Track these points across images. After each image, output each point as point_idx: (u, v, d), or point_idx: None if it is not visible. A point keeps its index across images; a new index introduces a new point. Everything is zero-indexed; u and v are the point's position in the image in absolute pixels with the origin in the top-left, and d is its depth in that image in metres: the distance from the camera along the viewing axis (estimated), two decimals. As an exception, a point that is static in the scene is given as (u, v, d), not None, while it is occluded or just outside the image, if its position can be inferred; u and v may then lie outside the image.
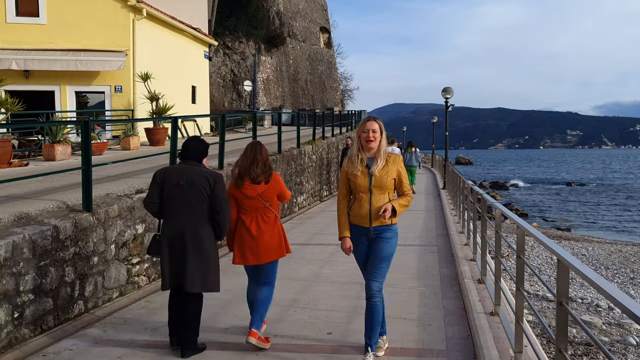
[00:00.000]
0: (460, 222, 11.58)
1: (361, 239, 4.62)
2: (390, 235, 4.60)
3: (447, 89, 22.55)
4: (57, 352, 4.97)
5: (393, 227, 4.62)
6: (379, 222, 4.53)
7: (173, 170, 4.92)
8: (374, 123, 4.55)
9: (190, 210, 4.75)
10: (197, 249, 4.74)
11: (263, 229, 5.04)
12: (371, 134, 4.50)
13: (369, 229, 4.54)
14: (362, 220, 4.54)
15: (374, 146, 4.51)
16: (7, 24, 16.30)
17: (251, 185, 5.01)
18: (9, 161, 10.27)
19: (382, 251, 4.55)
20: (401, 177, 4.60)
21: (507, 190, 55.72)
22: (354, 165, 4.55)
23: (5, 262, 4.92)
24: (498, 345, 4.66)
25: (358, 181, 4.50)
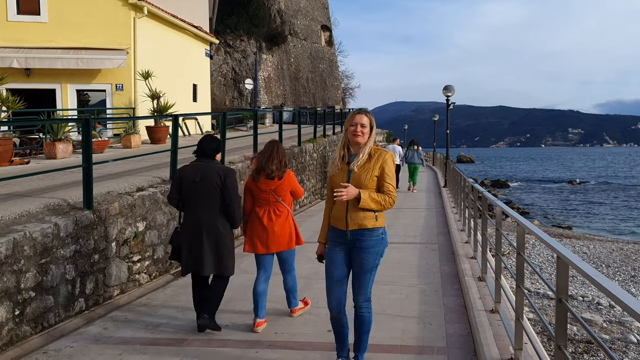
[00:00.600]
0: (461, 220, 11.58)
1: (339, 243, 4.14)
2: (372, 243, 4.04)
3: (448, 87, 22.52)
4: (57, 349, 4.98)
5: (376, 232, 4.04)
6: (356, 225, 4.01)
7: (189, 167, 5.36)
8: (363, 116, 4.05)
9: (206, 203, 5.20)
10: (212, 238, 5.21)
11: (274, 221, 5.47)
12: (359, 128, 4.01)
13: (346, 233, 4.05)
14: (340, 222, 4.09)
15: (360, 141, 4.02)
16: (8, 22, 16.30)
17: (266, 181, 5.46)
18: (10, 159, 10.28)
19: (362, 264, 4.06)
20: (384, 174, 4.03)
21: (508, 188, 55.69)
22: (334, 162, 4.15)
23: (6, 260, 4.93)
24: (498, 342, 4.66)
25: (336, 179, 4.07)
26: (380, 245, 4.08)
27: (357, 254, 4.07)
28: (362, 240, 4.03)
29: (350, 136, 4.04)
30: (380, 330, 5.35)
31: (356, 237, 4.04)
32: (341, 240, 4.12)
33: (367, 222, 4.00)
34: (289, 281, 5.72)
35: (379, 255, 4.10)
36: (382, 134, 54.57)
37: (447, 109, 22.86)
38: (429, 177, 27.81)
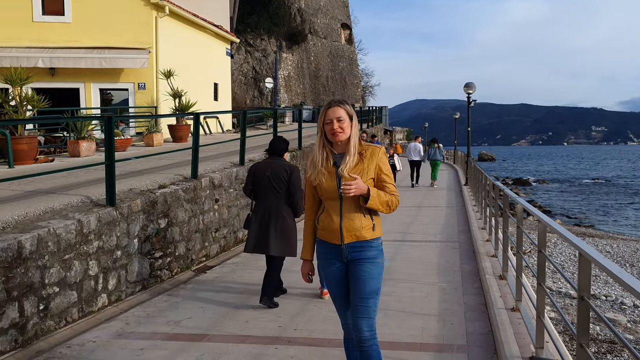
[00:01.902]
0: (482, 218, 11.50)
1: (332, 260, 3.49)
2: (373, 256, 3.42)
3: (469, 84, 22.35)
4: (81, 344, 5.06)
5: (375, 244, 3.44)
6: (353, 237, 3.39)
7: (262, 163, 6.28)
8: (337, 109, 3.39)
9: (274, 194, 6.07)
10: (278, 224, 6.03)
11: None
12: (336, 125, 3.36)
13: (341, 247, 3.43)
14: (332, 235, 3.43)
15: (342, 138, 3.38)
16: (33, 22, 16.59)
17: None
18: (35, 157, 10.47)
19: (364, 285, 3.39)
20: (382, 175, 3.45)
21: (530, 186, 55.05)
22: (317, 165, 3.45)
23: (31, 255, 5.03)
24: (519, 341, 4.62)
25: (324, 185, 3.40)
26: (381, 255, 3.49)
27: (356, 273, 3.41)
28: (362, 252, 3.42)
29: (330, 136, 3.40)
30: (399, 327, 5.35)
31: (353, 252, 3.42)
32: (335, 256, 3.48)
33: (365, 232, 3.40)
34: None
35: (380, 273, 3.46)
36: (403, 132, 54.37)
37: (468, 107, 22.68)
38: (449, 175, 27.62)
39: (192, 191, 8.05)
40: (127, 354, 4.80)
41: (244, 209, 9.85)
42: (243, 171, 9.81)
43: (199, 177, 8.45)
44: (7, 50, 15.96)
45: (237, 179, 9.62)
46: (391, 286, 6.90)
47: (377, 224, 3.47)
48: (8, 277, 4.77)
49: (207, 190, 8.54)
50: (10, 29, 16.30)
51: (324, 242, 3.51)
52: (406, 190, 19.01)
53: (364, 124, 26.39)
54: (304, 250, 3.65)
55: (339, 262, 3.48)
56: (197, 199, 8.22)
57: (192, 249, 8.01)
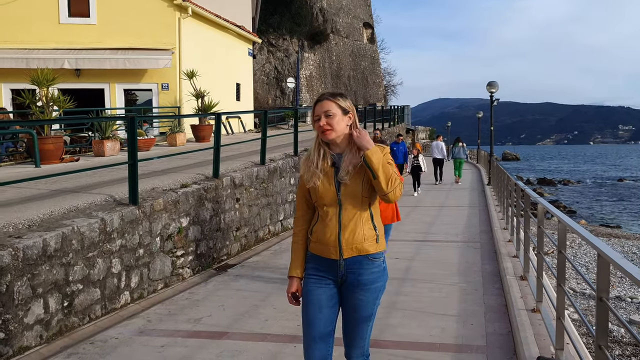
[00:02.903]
0: (505, 219, 11.40)
1: (323, 278, 3.02)
2: (375, 277, 2.98)
3: (492, 83, 22.17)
4: (104, 340, 5.16)
5: (377, 261, 2.99)
6: (354, 251, 2.93)
7: None
8: (325, 103, 2.96)
9: None
10: None
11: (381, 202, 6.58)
12: (324, 121, 2.94)
13: (338, 263, 2.95)
14: (327, 249, 2.96)
15: (331, 137, 2.95)
16: (60, 24, 16.91)
17: None
18: (61, 157, 10.67)
19: (359, 308, 2.98)
20: None
21: (554, 186, 54.32)
22: (311, 166, 3.01)
23: (56, 253, 5.14)
24: (539, 342, 4.59)
25: (320, 190, 2.96)
26: (382, 279, 3.02)
27: (352, 294, 2.99)
28: (361, 273, 2.95)
29: (320, 134, 2.99)
30: (419, 327, 5.34)
31: (352, 269, 2.96)
32: (328, 274, 3.01)
33: (368, 245, 2.94)
34: None
35: (382, 292, 3.04)
36: (425, 131, 54.05)
37: (491, 106, 22.48)
38: (472, 174, 27.42)
39: (213, 190, 8.13)
40: (149, 350, 4.87)
41: (264, 208, 9.92)
42: (264, 170, 9.88)
43: (220, 176, 8.53)
44: (35, 52, 16.29)
45: (257, 178, 9.69)
46: (411, 286, 6.90)
47: (380, 235, 3.01)
48: (33, 274, 4.89)
49: (228, 189, 8.62)
50: (38, 31, 16.64)
51: (318, 257, 3.03)
52: (429, 190, 18.92)
53: (385, 123, 26.32)
54: (293, 266, 3.11)
55: (332, 282, 3.02)
56: (219, 198, 8.30)
57: (213, 247, 8.09)
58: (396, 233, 9.27)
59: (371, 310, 3.02)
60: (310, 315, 3.00)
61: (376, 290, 3.00)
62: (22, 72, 13.44)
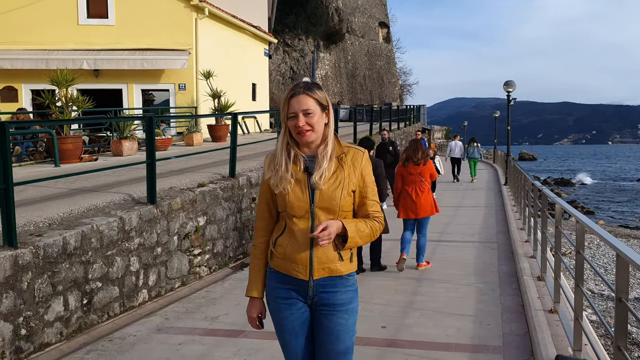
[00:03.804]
0: (522, 219, 11.32)
1: (291, 301, 2.62)
2: (350, 296, 2.62)
3: (509, 82, 22.01)
4: (122, 337, 5.22)
5: (351, 281, 2.64)
6: (326, 271, 2.56)
7: None
8: (304, 99, 2.51)
9: None
10: None
11: (420, 196, 7.59)
12: (302, 120, 2.50)
13: (308, 285, 2.57)
14: (295, 267, 2.56)
15: (311, 139, 2.54)
16: (79, 26, 17.11)
17: (413, 166, 7.64)
18: (80, 156, 10.80)
19: (338, 343, 2.59)
20: (366, 187, 2.62)
21: (572, 187, 53.76)
22: (280, 169, 2.57)
23: (75, 251, 5.21)
24: (556, 343, 4.56)
25: (289, 198, 2.54)
26: (357, 298, 2.68)
27: (326, 317, 2.59)
28: (334, 294, 2.58)
29: (295, 135, 2.55)
30: (435, 327, 5.34)
31: (323, 291, 2.58)
32: (295, 295, 2.62)
33: (341, 265, 2.58)
34: (422, 241, 7.70)
35: (357, 312, 2.69)
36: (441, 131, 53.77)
37: (508, 105, 22.31)
38: (489, 174, 27.25)
39: (230, 190, 8.19)
40: (166, 348, 4.93)
41: (280, 207, 9.95)
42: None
43: (236, 175, 8.58)
44: (54, 53, 16.50)
45: (274, 178, 9.72)
46: (428, 286, 6.89)
47: (354, 254, 2.65)
48: (54, 272, 4.97)
49: (244, 188, 8.67)
50: (57, 32, 16.85)
51: (282, 276, 2.61)
52: (445, 190, 18.85)
53: (401, 123, 26.23)
54: (251, 284, 2.72)
55: (301, 304, 2.62)
56: (235, 197, 8.35)
57: (229, 246, 8.14)
58: (412, 233, 9.24)
59: (351, 339, 2.63)
60: (288, 343, 2.67)
61: (354, 312, 2.64)
62: (42, 73, 13.61)
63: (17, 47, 16.65)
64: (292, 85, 2.57)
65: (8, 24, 16.74)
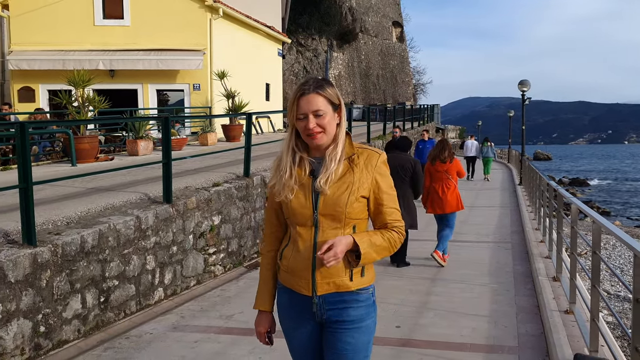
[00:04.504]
0: (537, 219, 11.26)
1: (300, 318, 2.40)
2: (362, 312, 2.34)
3: (523, 81, 21.87)
4: (138, 335, 5.28)
5: (363, 296, 2.35)
6: (331, 287, 2.30)
7: (391, 156, 7.04)
8: (314, 99, 2.26)
9: (401, 180, 7.35)
10: (406, 203, 7.31)
11: (446, 192, 8.06)
12: (313, 122, 2.27)
13: (312, 300, 2.33)
14: (298, 281, 2.34)
15: (322, 142, 2.30)
16: (95, 26, 17.27)
17: (440, 164, 8.12)
18: (96, 156, 10.91)
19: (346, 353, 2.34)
20: (381, 193, 2.35)
21: (588, 187, 53.27)
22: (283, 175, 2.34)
23: (93, 250, 5.28)
24: (572, 344, 4.54)
25: (292, 204, 2.32)
26: (373, 315, 2.39)
27: (336, 336, 2.35)
28: (343, 310, 2.32)
29: (305, 137, 2.32)
30: (450, 328, 5.34)
31: (331, 309, 2.33)
32: (303, 312, 2.38)
33: (348, 279, 2.31)
34: (446, 231, 8.13)
35: (372, 331, 2.40)
36: (455, 130, 53.54)
37: (523, 105, 22.17)
38: (503, 174, 27.08)
39: (244, 189, 8.23)
40: (182, 346, 4.97)
41: (294, 207, 9.98)
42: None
43: (250, 175, 8.62)
44: (71, 54, 16.67)
45: (288, 177, 9.76)
46: (442, 287, 6.89)
47: (368, 267, 2.36)
48: (72, 270, 5.03)
49: (258, 188, 8.71)
50: (74, 33, 17.02)
51: (289, 291, 2.39)
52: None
53: (414, 122, 26.17)
54: (259, 296, 2.50)
55: (311, 322, 2.39)
56: (249, 196, 8.39)
57: (244, 245, 8.19)
58: (427, 233, 9.24)
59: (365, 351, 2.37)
60: None
61: (367, 331, 2.36)
62: (59, 74, 13.76)
63: (34, 48, 16.86)
64: (300, 83, 2.33)
65: (25, 25, 16.94)
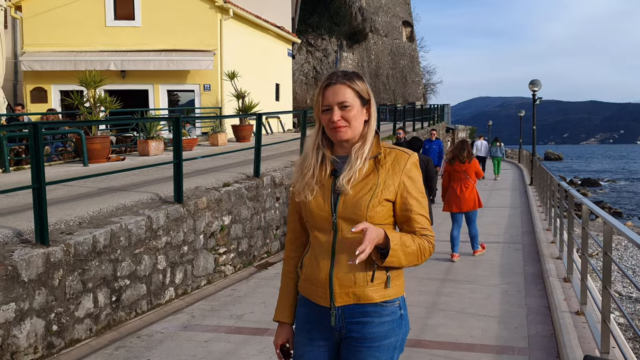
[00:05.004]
0: (547, 219, 11.21)
1: (313, 334, 2.16)
2: (386, 329, 2.08)
3: (534, 81, 21.78)
4: (149, 334, 5.32)
5: (389, 310, 2.09)
6: (350, 298, 2.06)
7: None
8: (340, 89, 2.08)
9: None
10: None
11: (464, 191, 8.25)
12: (337, 114, 2.07)
13: (330, 312, 2.09)
14: (316, 291, 2.11)
15: (347, 136, 2.10)
16: (106, 27, 17.39)
17: (459, 164, 8.32)
18: (107, 156, 10.99)
19: None
20: (408, 198, 2.11)
21: (599, 187, 52.87)
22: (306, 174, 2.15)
23: (105, 249, 5.32)
24: (583, 345, 4.52)
25: (311, 206, 2.12)
26: (399, 332, 2.12)
27: (352, 354, 2.10)
28: (366, 323, 2.07)
29: (329, 132, 2.12)
30: (459, 328, 5.33)
31: (351, 322, 2.09)
32: (321, 326, 2.14)
33: (372, 290, 2.06)
34: (473, 230, 8.42)
35: (399, 351, 2.14)
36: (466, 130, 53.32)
37: (534, 105, 22.07)
38: (514, 174, 26.96)
39: (254, 189, 8.26)
40: (193, 345, 5.00)
41: (304, 207, 10.00)
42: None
43: (261, 175, 8.65)
44: (83, 54, 16.80)
45: (298, 177, 9.78)
46: (452, 287, 6.87)
47: (394, 277, 2.10)
48: (84, 270, 5.08)
49: (268, 188, 8.74)
50: (85, 34, 17.15)
51: (308, 302, 2.17)
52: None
53: (424, 122, 26.10)
54: (281, 307, 2.28)
55: (329, 338, 2.14)
56: (259, 197, 8.42)
57: (254, 245, 8.22)
58: (436, 234, 9.22)
59: None
60: None
61: (389, 349, 2.09)
62: (71, 74, 13.87)
63: (46, 49, 17.01)
64: (327, 74, 2.14)
65: (38, 27, 17.09)
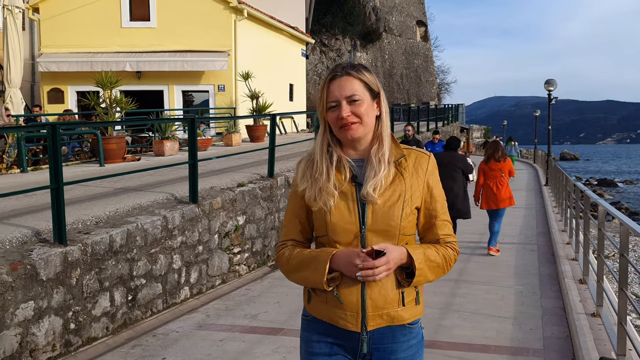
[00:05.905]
0: (563, 220, 11.12)
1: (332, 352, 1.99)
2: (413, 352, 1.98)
3: (550, 81, 21.60)
4: (165, 333, 5.37)
5: (415, 330, 1.99)
6: (384, 320, 1.91)
7: (442, 155, 8.19)
8: (348, 81, 1.89)
9: (451, 177, 7.90)
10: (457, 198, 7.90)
11: (500, 189, 8.65)
12: (346, 110, 1.88)
13: (360, 337, 1.92)
14: (342, 315, 1.91)
15: (358, 134, 1.91)
16: (122, 28, 17.54)
17: (494, 163, 8.77)
18: (123, 156, 11.09)
19: None
20: (434, 202, 1.98)
21: (616, 188, 52.29)
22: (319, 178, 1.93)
23: (121, 249, 5.38)
24: (599, 347, 4.49)
25: (332, 218, 1.89)
26: (421, 353, 2.03)
27: None
28: (394, 349, 1.95)
29: (336, 130, 1.92)
30: (474, 329, 5.31)
31: (378, 347, 1.95)
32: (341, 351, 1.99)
33: (404, 310, 1.93)
34: (496, 227, 8.76)
35: None
36: (480, 130, 53.01)
37: (549, 104, 21.90)
38: (529, 175, 26.77)
39: (268, 189, 8.30)
40: (208, 344, 5.04)
41: (318, 207, 10.02)
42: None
43: (275, 175, 8.69)
44: (99, 55, 16.96)
45: (312, 178, 9.80)
46: (466, 288, 6.85)
47: (421, 292, 2.00)
48: (101, 269, 5.14)
49: (282, 188, 8.77)
50: (102, 35, 17.31)
51: (324, 325, 1.97)
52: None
53: (439, 122, 26.01)
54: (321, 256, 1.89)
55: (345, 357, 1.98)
56: (273, 197, 8.46)
57: (268, 245, 8.25)
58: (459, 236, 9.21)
59: None
60: None
61: None
62: (87, 75, 14.01)
63: (63, 50, 17.19)
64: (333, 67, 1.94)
65: (54, 28, 17.28)
